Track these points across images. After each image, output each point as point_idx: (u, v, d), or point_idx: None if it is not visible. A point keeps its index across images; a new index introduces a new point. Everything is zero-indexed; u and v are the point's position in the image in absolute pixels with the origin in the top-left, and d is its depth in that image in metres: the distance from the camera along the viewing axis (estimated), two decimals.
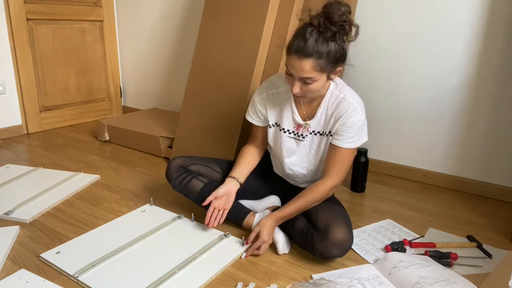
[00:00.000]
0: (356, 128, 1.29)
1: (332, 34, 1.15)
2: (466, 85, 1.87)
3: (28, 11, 2.60)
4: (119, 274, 1.22)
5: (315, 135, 1.37)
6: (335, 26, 1.14)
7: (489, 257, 1.36)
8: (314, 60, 1.15)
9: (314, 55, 1.14)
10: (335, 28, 1.14)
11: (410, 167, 2.09)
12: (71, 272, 1.22)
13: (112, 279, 1.20)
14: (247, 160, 1.48)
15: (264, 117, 1.45)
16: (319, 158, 1.40)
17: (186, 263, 1.27)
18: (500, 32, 1.75)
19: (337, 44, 1.16)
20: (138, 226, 1.50)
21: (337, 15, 1.14)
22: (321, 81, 1.21)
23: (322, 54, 1.14)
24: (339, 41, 1.17)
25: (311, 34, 1.14)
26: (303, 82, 1.20)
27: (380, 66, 2.06)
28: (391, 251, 1.35)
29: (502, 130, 1.83)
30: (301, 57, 1.15)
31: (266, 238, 1.31)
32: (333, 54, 1.16)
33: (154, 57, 3.01)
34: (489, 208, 1.79)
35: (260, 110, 1.44)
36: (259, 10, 1.91)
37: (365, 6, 2.04)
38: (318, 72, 1.17)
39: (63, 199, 1.74)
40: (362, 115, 1.30)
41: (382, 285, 1.17)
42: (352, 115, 1.28)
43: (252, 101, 1.46)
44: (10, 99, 2.63)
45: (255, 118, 1.47)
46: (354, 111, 1.28)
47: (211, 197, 1.38)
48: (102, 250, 1.34)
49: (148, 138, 2.37)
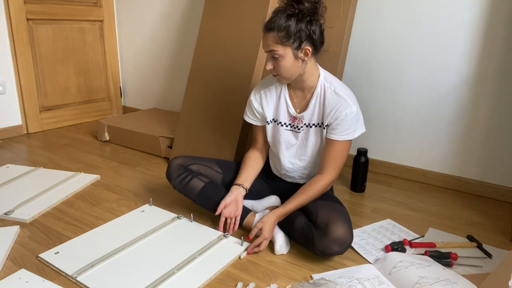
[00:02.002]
0: (349, 120, 1.32)
1: (294, 12, 1.23)
2: (466, 85, 1.87)
3: (28, 11, 2.60)
4: (118, 274, 1.22)
5: (310, 127, 1.40)
6: (301, 4, 1.22)
7: (489, 257, 1.36)
8: (275, 33, 1.24)
9: (275, 28, 1.23)
10: (302, 6, 1.22)
11: (410, 167, 2.09)
12: (70, 272, 1.21)
13: (111, 279, 1.19)
14: (251, 167, 1.51)
15: (261, 116, 1.48)
16: (317, 150, 1.43)
17: (185, 263, 1.27)
18: (500, 32, 1.75)
19: (300, 21, 1.23)
20: (137, 226, 1.50)
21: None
22: (288, 58, 1.27)
23: (282, 28, 1.23)
24: (304, 20, 1.23)
25: (276, 12, 1.26)
26: (273, 58, 1.28)
27: (380, 66, 2.06)
28: (391, 251, 1.35)
29: (502, 130, 1.83)
30: (265, 31, 1.27)
31: (267, 235, 1.32)
32: (293, 30, 1.23)
33: (154, 57, 3.01)
34: (489, 208, 1.79)
35: (256, 109, 1.47)
36: (259, 10, 1.91)
37: (365, 6, 2.04)
38: (280, 46, 1.25)
39: (63, 199, 1.74)
40: (354, 106, 1.33)
41: (382, 285, 1.17)
42: (343, 107, 1.32)
43: (249, 101, 1.50)
44: (10, 99, 2.63)
45: (252, 118, 1.51)
46: (345, 103, 1.32)
47: (221, 206, 1.40)
48: (101, 250, 1.34)
49: (148, 138, 2.37)
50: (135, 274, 1.22)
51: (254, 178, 1.51)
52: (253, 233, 1.35)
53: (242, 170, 1.50)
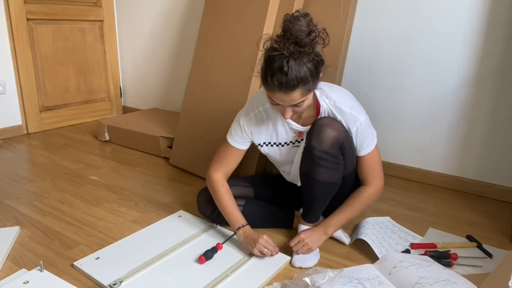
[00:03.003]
0: (363, 130, 1.29)
1: (306, 56, 1.09)
2: (466, 85, 1.87)
3: (28, 11, 2.60)
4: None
5: None
6: (306, 46, 1.08)
7: (489, 257, 1.36)
8: (302, 88, 1.10)
9: (300, 84, 1.09)
10: (308, 48, 1.08)
11: (410, 167, 2.09)
12: (106, 283, 1.19)
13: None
14: (233, 203, 1.39)
15: (250, 139, 1.40)
16: None
17: (233, 269, 1.25)
18: (500, 32, 1.75)
19: (314, 59, 1.11)
20: (173, 234, 1.47)
21: (304, 34, 1.08)
22: (310, 96, 1.19)
23: (307, 79, 1.09)
24: (315, 55, 1.11)
25: (288, 65, 1.06)
26: (295, 105, 1.16)
27: (380, 66, 2.06)
28: (205, 261, 1.29)
29: (502, 130, 1.83)
30: (287, 91, 1.10)
31: (315, 248, 1.31)
32: (314, 72, 1.11)
33: (154, 57, 3.01)
34: (489, 208, 1.79)
35: (246, 132, 1.37)
36: (259, 10, 1.91)
37: (365, 6, 2.04)
38: (308, 94, 1.15)
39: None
40: (361, 115, 1.28)
41: (382, 285, 1.17)
42: (352, 122, 1.27)
43: (238, 123, 1.38)
44: (10, 99, 2.63)
45: (239, 141, 1.39)
46: (350, 118, 1.27)
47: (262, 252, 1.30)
48: (137, 259, 1.31)
49: (148, 138, 2.37)
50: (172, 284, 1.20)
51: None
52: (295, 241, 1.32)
53: (234, 209, 1.38)
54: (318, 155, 1.23)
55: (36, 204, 1.71)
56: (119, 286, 1.17)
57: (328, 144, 1.22)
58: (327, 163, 1.24)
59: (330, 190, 1.30)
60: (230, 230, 1.48)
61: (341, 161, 1.27)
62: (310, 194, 1.32)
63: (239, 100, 1.92)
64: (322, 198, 1.32)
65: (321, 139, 1.23)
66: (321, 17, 1.92)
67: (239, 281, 1.21)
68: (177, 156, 2.18)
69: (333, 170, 1.26)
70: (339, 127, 1.24)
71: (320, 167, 1.25)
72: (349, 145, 1.27)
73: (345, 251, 1.41)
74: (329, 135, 1.22)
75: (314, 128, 1.25)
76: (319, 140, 1.23)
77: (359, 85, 2.13)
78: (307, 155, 1.27)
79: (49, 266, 1.28)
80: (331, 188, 1.30)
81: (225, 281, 1.21)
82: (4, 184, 1.91)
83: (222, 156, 1.42)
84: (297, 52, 1.07)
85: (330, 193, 1.32)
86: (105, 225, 1.55)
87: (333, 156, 1.24)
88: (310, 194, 1.32)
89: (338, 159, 1.26)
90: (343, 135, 1.24)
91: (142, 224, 1.56)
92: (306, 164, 1.29)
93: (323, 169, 1.25)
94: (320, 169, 1.25)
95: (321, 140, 1.23)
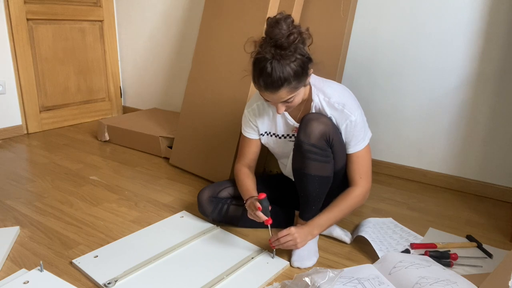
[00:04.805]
0: (353, 128, 1.30)
1: (289, 57, 1.13)
2: (466, 85, 1.87)
3: (28, 11, 2.60)
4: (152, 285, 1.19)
5: None
6: (288, 48, 1.13)
7: (489, 257, 1.36)
8: (286, 87, 1.16)
9: (285, 83, 1.15)
10: (289, 50, 1.13)
11: (410, 167, 2.09)
12: (101, 281, 1.19)
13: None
14: (251, 182, 1.42)
15: (256, 127, 1.46)
16: None
17: (228, 273, 1.25)
18: (500, 32, 1.75)
19: (298, 58, 1.15)
20: (174, 235, 1.47)
21: (284, 37, 1.12)
22: (301, 92, 1.24)
23: (291, 78, 1.15)
24: (298, 55, 1.15)
25: (271, 67, 1.13)
26: (285, 101, 1.22)
27: (380, 66, 2.06)
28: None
29: (502, 130, 1.83)
30: (273, 91, 1.17)
31: (300, 246, 1.28)
32: (299, 70, 1.16)
33: (154, 57, 3.01)
34: (489, 208, 1.79)
35: (251, 121, 1.44)
36: (259, 10, 1.91)
37: (365, 6, 2.04)
38: (295, 91, 1.20)
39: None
40: (354, 114, 1.29)
41: (382, 285, 1.17)
42: (342, 120, 1.29)
43: (244, 113, 1.47)
44: (10, 99, 2.63)
45: (250, 132, 1.47)
46: (341, 116, 1.29)
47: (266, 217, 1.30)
48: (134, 258, 1.31)
49: (148, 138, 2.37)
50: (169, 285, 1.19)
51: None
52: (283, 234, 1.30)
53: (248, 185, 1.40)
54: (306, 148, 1.26)
55: (36, 204, 1.71)
56: (113, 285, 1.17)
57: (315, 137, 1.26)
58: (316, 156, 1.27)
59: (323, 184, 1.32)
60: (232, 231, 1.49)
61: (330, 153, 1.29)
62: (304, 191, 1.34)
63: (239, 100, 1.92)
64: (316, 194, 1.33)
65: (308, 133, 1.26)
66: (321, 17, 1.92)
67: (239, 281, 1.21)
68: (177, 156, 2.18)
69: (323, 163, 1.29)
70: (326, 121, 1.27)
71: (310, 161, 1.28)
72: (337, 139, 1.30)
73: (345, 251, 1.41)
74: (315, 128, 1.26)
75: (302, 124, 1.29)
76: (306, 134, 1.26)
77: (359, 85, 2.13)
78: (297, 149, 1.30)
79: (49, 266, 1.28)
80: (324, 182, 1.32)
81: (225, 281, 1.21)
82: (4, 184, 1.91)
83: (241, 148, 1.51)
84: (278, 54, 1.13)
85: (323, 188, 1.33)
86: (105, 225, 1.55)
87: (321, 149, 1.27)
88: (304, 190, 1.34)
89: (327, 152, 1.28)
90: (330, 129, 1.27)
91: (142, 224, 1.56)
92: (297, 160, 1.32)
93: (313, 163, 1.28)
94: (310, 162, 1.28)
95: (308, 133, 1.26)
